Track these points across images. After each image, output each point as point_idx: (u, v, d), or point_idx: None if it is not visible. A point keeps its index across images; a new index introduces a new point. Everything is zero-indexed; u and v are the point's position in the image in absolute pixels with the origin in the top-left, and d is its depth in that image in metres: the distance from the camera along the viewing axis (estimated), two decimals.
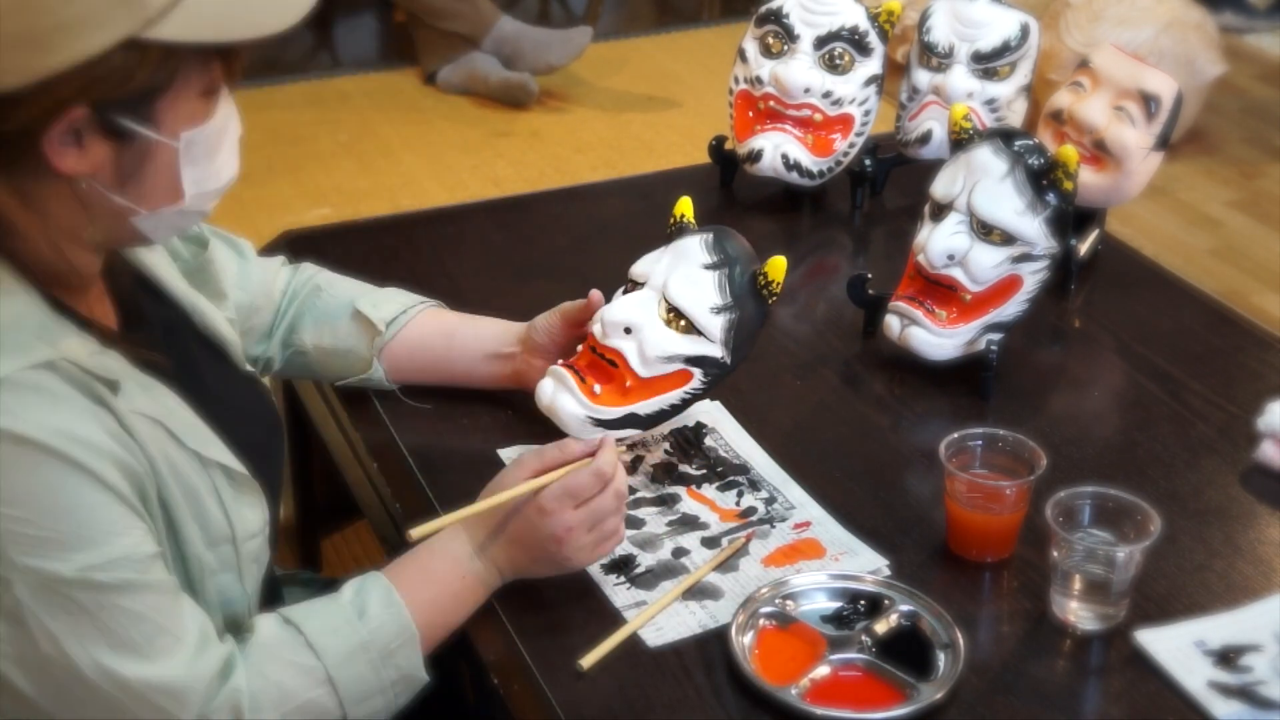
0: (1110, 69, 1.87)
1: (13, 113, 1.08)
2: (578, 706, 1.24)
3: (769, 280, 1.50)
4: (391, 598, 1.26)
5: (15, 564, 1.08)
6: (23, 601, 1.08)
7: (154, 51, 1.09)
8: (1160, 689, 1.26)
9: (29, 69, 1.06)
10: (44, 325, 1.13)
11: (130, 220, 1.17)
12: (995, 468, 1.41)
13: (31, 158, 1.10)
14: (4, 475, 1.07)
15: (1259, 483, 1.53)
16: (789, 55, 2.00)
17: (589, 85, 4.19)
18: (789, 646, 1.29)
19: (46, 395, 1.10)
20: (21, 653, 1.09)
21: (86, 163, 1.12)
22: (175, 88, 1.13)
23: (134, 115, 1.11)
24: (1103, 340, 1.81)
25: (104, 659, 1.10)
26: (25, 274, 1.14)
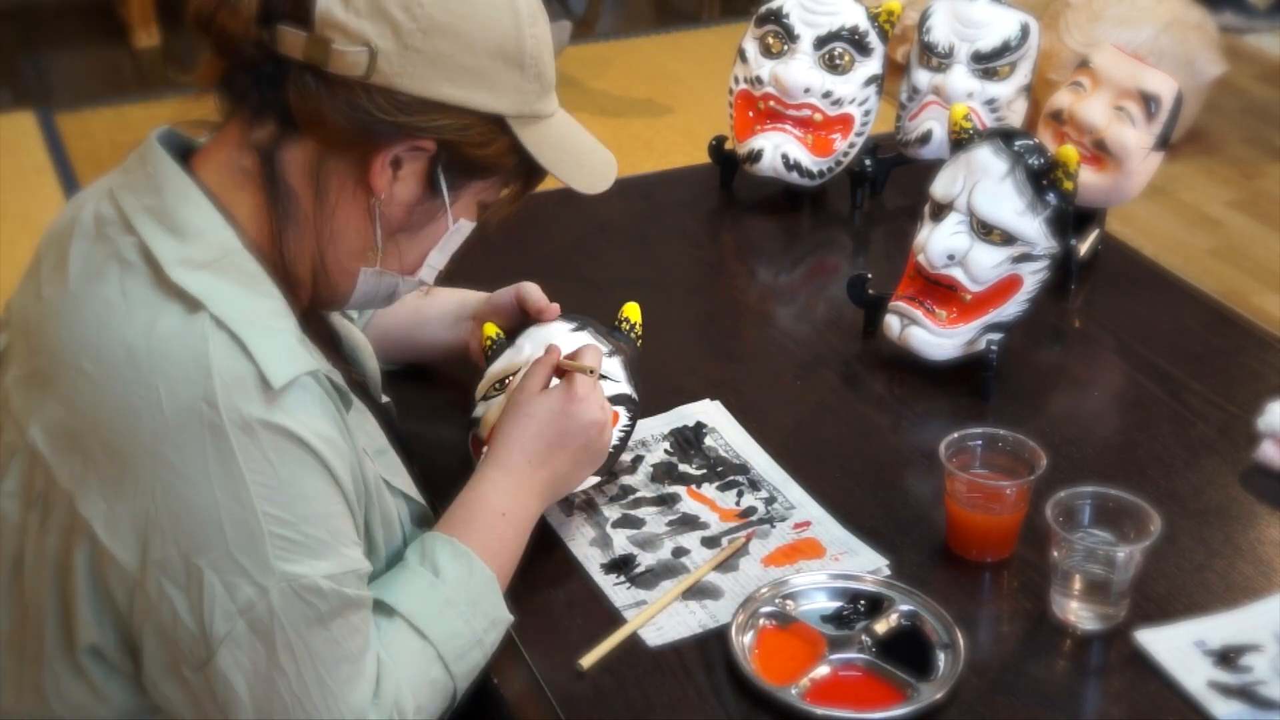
0: (1110, 69, 1.87)
1: (390, 110, 1.16)
2: (578, 706, 1.24)
3: (630, 322, 1.56)
4: (458, 550, 1.27)
5: (273, 569, 1.12)
6: (275, 610, 1.12)
7: (506, 140, 1.22)
8: (1160, 689, 1.26)
9: (431, 86, 1.17)
10: (299, 333, 1.18)
11: (358, 266, 1.25)
12: (995, 468, 1.41)
13: (359, 155, 1.19)
14: (278, 474, 1.12)
15: (1259, 483, 1.53)
16: (789, 55, 2.00)
17: (589, 85, 4.19)
18: (789, 646, 1.29)
19: (320, 402, 1.16)
20: (256, 664, 1.12)
21: (391, 191, 1.21)
22: (486, 182, 1.26)
23: (451, 179, 1.23)
24: (1103, 340, 1.81)
25: (325, 674, 1.14)
26: (281, 283, 1.20)
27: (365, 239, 1.23)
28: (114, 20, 4.84)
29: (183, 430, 1.10)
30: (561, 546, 1.41)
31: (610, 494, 1.49)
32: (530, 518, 1.35)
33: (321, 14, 1.14)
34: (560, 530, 1.43)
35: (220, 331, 1.12)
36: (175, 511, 1.11)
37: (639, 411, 1.51)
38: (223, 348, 1.11)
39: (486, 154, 1.22)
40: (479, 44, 1.17)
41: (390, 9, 1.14)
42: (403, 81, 1.16)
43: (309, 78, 1.15)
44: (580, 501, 1.47)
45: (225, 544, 1.11)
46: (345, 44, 1.14)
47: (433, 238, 1.27)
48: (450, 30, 1.16)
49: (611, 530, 1.44)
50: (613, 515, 1.46)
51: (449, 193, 1.23)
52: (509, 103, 1.21)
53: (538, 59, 1.22)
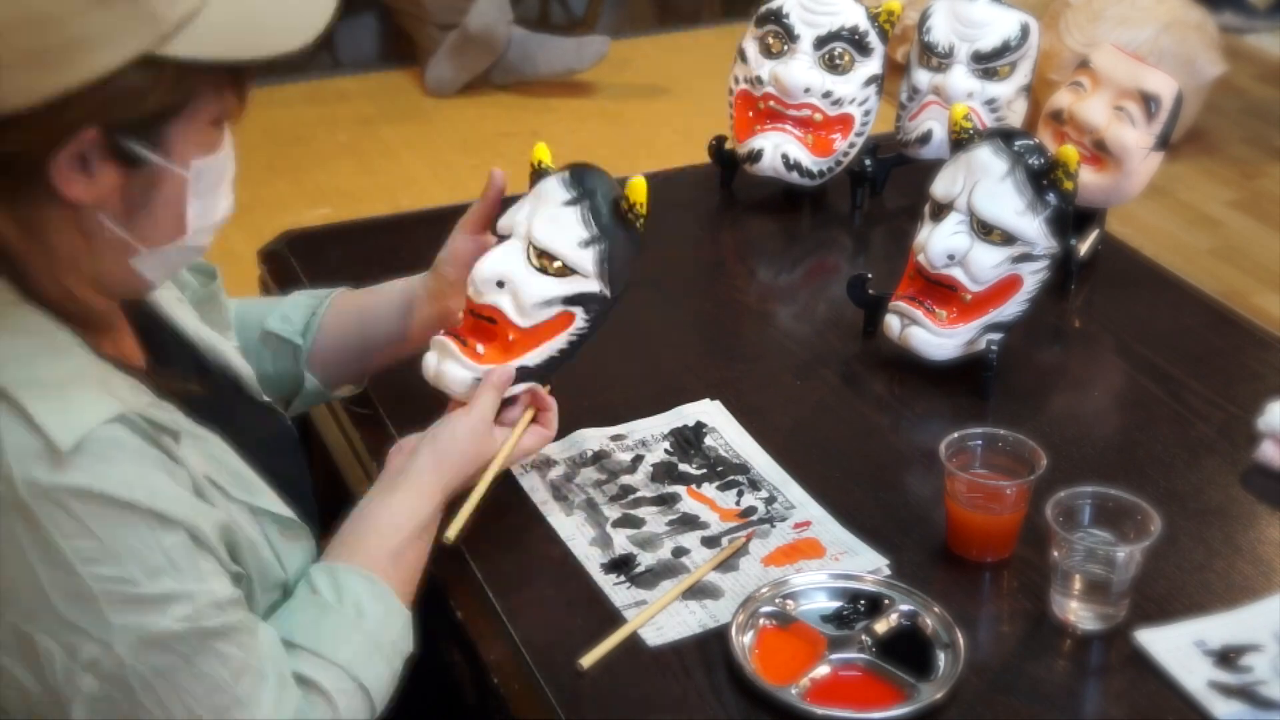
0: (1110, 69, 1.87)
1: (18, 135, 1.03)
2: (578, 706, 1.24)
3: (631, 204, 1.42)
4: (376, 588, 1.24)
5: (113, 624, 1.05)
6: (124, 661, 1.06)
7: (168, 70, 1.05)
8: (1160, 689, 1.26)
9: (37, 88, 1.02)
10: (100, 375, 1.11)
11: (129, 261, 1.14)
12: (995, 468, 1.41)
13: (38, 184, 1.06)
14: (94, 535, 1.05)
15: (1259, 483, 1.53)
16: (789, 55, 2.00)
17: (589, 85, 4.19)
18: (789, 646, 1.29)
19: (124, 450, 1.07)
20: (117, 714, 1.07)
21: (95, 190, 1.08)
22: (188, 112, 1.09)
23: (146, 140, 1.08)
24: (1103, 340, 1.81)
25: (200, 709, 1.09)
26: (61, 320, 1.11)
27: (108, 242, 1.11)
28: None
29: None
30: (561, 546, 1.41)
31: (610, 494, 1.49)
32: (433, 520, 1.33)
33: None
34: (560, 530, 1.43)
35: (2, 404, 1.04)
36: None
37: (605, 309, 1.44)
38: (7, 422, 1.04)
39: (156, 99, 1.06)
40: (59, 12, 1.01)
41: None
42: (9, 102, 1.01)
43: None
44: (580, 502, 1.47)
45: (54, 611, 1.05)
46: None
47: (173, 196, 1.12)
48: (17, 22, 1.01)
49: (611, 530, 1.44)
50: (613, 515, 1.46)
51: (154, 151, 1.08)
52: (137, 40, 1.03)
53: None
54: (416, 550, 1.31)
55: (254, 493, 1.23)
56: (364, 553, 1.28)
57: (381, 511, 1.31)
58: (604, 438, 1.57)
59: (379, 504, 1.32)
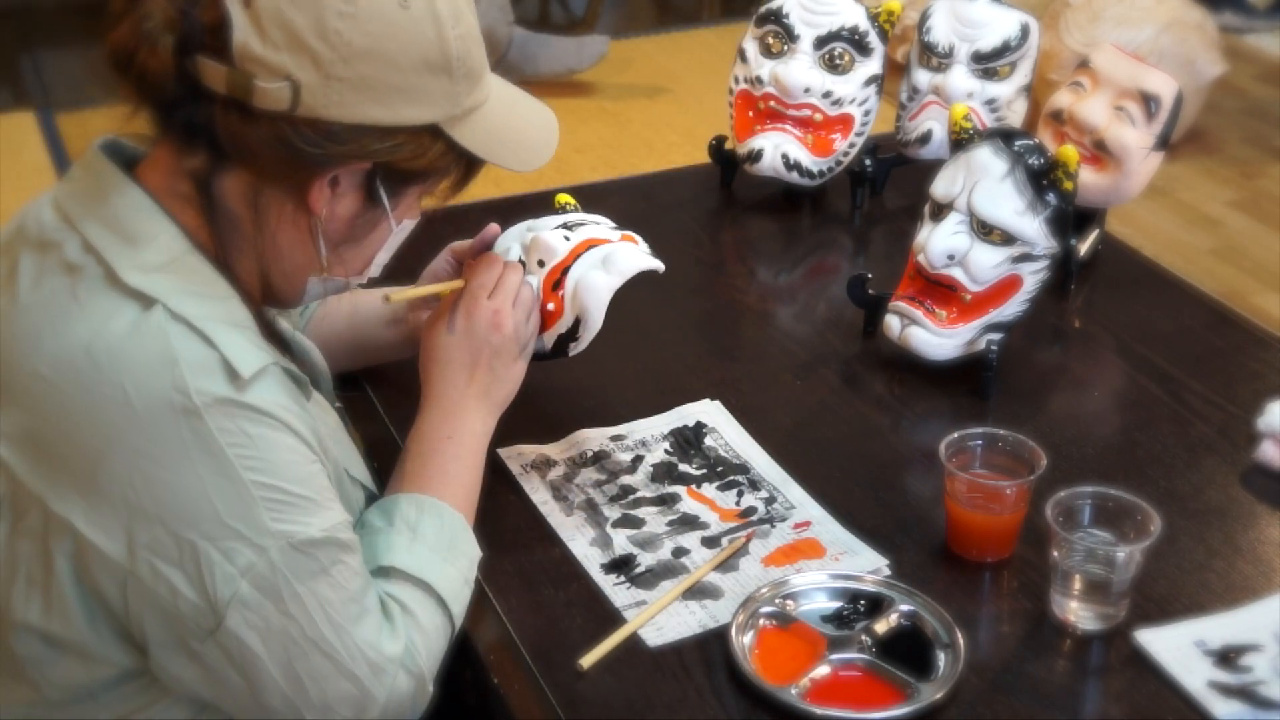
0: (1110, 69, 1.87)
1: (320, 140, 1.15)
2: (578, 706, 1.24)
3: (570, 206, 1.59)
4: (423, 503, 1.31)
5: (270, 529, 1.14)
6: (277, 566, 1.14)
7: (441, 144, 1.22)
8: (1160, 689, 1.26)
9: (357, 111, 1.16)
10: (259, 332, 1.21)
11: (308, 275, 1.26)
12: (995, 468, 1.41)
13: (295, 183, 1.19)
14: (256, 446, 1.13)
15: (1259, 483, 1.53)
16: (789, 55, 2.00)
17: (589, 85, 4.19)
18: (789, 646, 1.29)
19: (284, 388, 1.18)
20: (266, 620, 1.14)
21: (331, 209, 1.21)
22: (429, 181, 1.26)
23: (391, 189, 1.23)
24: (1103, 340, 1.81)
25: (335, 615, 1.17)
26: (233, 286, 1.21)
27: (309, 255, 1.24)
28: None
29: (155, 421, 1.11)
30: (561, 546, 1.41)
31: (610, 494, 1.49)
32: (477, 433, 1.39)
33: (239, 48, 1.12)
34: (560, 530, 1.43)
35: (177, 323, 1.13)
36: (159, 495, 1.11)
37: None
38: (183, 337, 1.12)
39: (423, 163, 1.22)
40: (403, 61, 1.16)
41: (308, 40, 1.12)
42: (329, 111, 1.15)
43: (234, 112, 1.14)
44: (580, 502, 1.47)
45: (216, 515, 1.12)
46: (267, 79, 1.13)
47: (377, 242, 1.28)
48: (372, 53, 1.15)
49: (611, 530, 1.44)
50: (613, 515, 1.46)
51: (389, 200, 1.24)
52: (440, 110, 1.21)
53: (465, 58, 1.21)
54: (451, 455, 1.37)
55: (352, 462, 1.34)
56: (406, 477, 1.35)
57: (413, 437, 1.39)
58: (604, 438, 1.57)
59: (412, 430, 1.39)
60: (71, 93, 4.46)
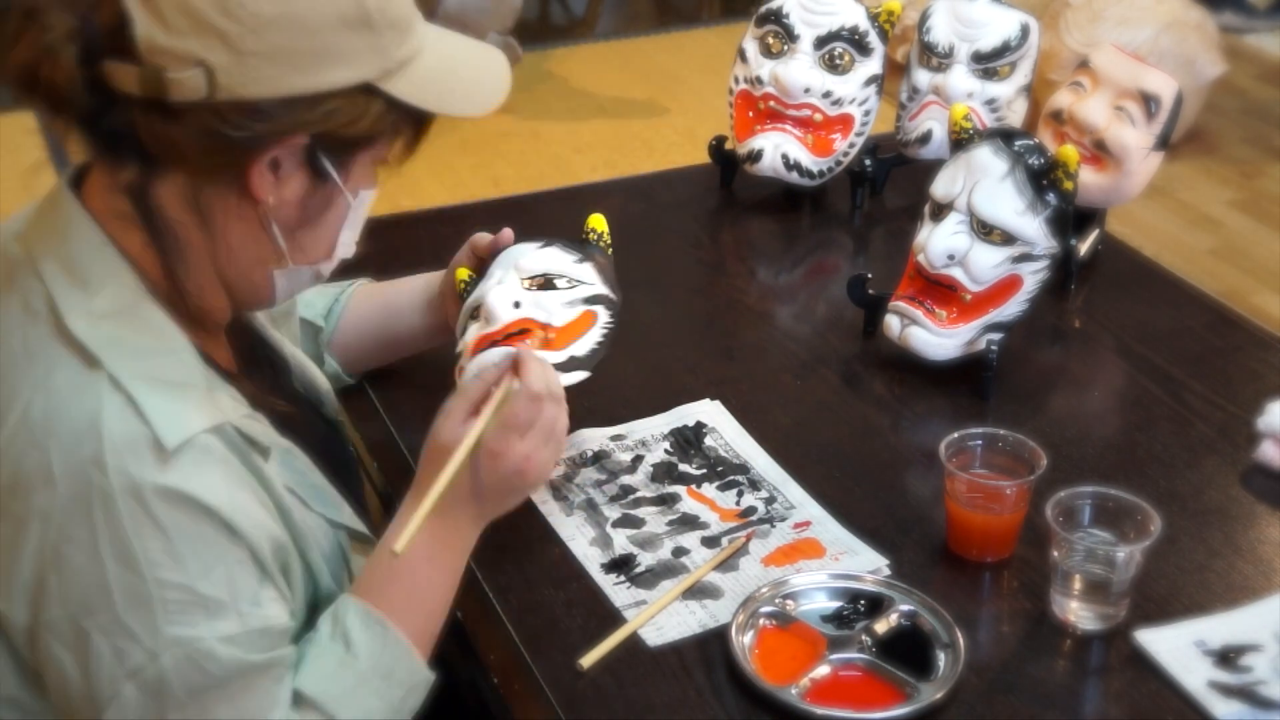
0: (1110, 69, 1.87)
1: (247, 122, 1.09)
2: (578, 706, 1.24)
3: (598, 233, 1.54)
4: (369, 617, 1.21)
5: (164, 634, 1.08)
6: (166, 674, 1.09)
7: (379, 103, 1.15)
8: (1160, 689, 1.26)
9: (280, 84, 1.09)
10: (207, 382, 1.15)
11: (272, 270, 1.20)
12: (995, 468, 1.41)
13: (233, 173, 1.13)
14: (168, 537, 1.08)
15: (1259, 483, 1.53)
16: (789, 55, 2.00)
17: (589, 85, 4.19)
18: (789, 646, 1.29)
19: (217, 460, 1.11)
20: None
21: (277, 194, 1.15)
22: (376, 145, 1.18)
23: (337, 160, 1.16)
24: (1103, 340, 1.81)
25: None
26: (181, 321, 1.16)
27: (265, 247, 1.18)
28: None
29: (71, 495, 1.07)
30: (561, 546, 1.41)
31: (610, 494, 1.49)
32: (461, 554, 1.28)
33: (144, 43, 1.07)
34: (560, 530, 1.43)
35: (116, 393, 1.08)
36: (64, 575, 1.08)
37: (619, 309, 1.50)
38: (116, 410, 1.08)
39: (363, 126, 1.15)
40: (317, 22, 1.09)
41: (212, 18, 1.07)
42: (249, 89, 1.08)
43: (154, 112, 1.08)
44: (580, 502, 1.47)
45: (113, 608, 1.08)
46: (178, 69, 1.07)
47: (336, 220, 1.21)
48: (281, 20, 1.08)
49: (611, 530, 1.44)
50: (613, 515, 1.46)
51: (338, 173, 1.17)
52: (369, 67, 1.13)
53: (385, 7, 1.13)
54: (425, 576, 1.25)
55: (332, 507, 1.27)
56: (370, 586, 1.24)
57: (388, 533, 1.25)
58: (604, 438, 1.57)
59: (389, 531, 1.26)
60: None
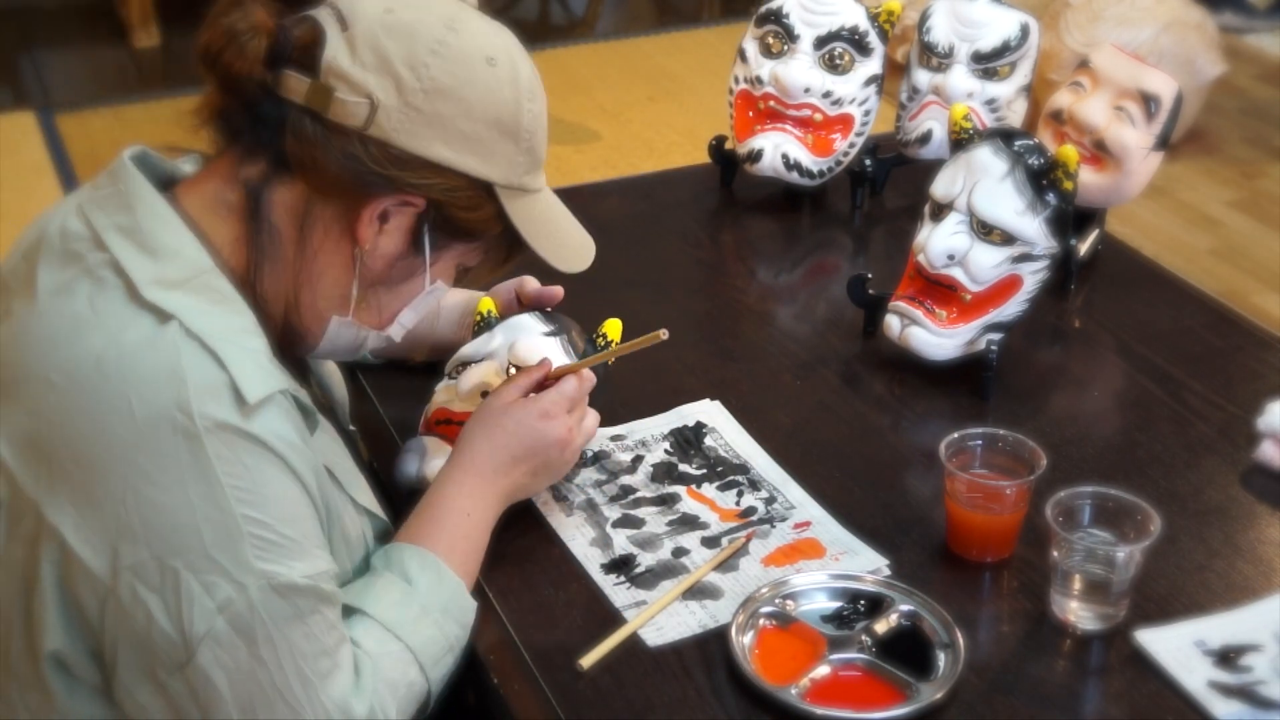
0: (1110, 69, 1.87)
1: (385, 163, 1.18)
2: (578, 706, 1.24)
3: (607, 339, 1.52)
4: (426, 558, 1.29)
5: (252, 568, 1.12)
6: (255, 606, 1.13)
7: (492, 207, 1.24)
8: (1160, 689, 1.26)
9: (427, 146, 1.19)
10: (272, 355, 1.20)
11: (331, 316, 1.26)
12: (995, 468, 1.41)
13: (348, 204, 1.20)
14: (252, 478, 1.13)
15: (1259, 483, 1.53)
16: (789, 55, 2.00)
17: (589, 85, 4.19)
18: (789, 646, 1.29)
19: (287, 416, 1.17)
20: (237, 661, 1.13)
21: (375, 242, 1.22)
22: (470, 245, 1.27)
23: (435, 238, 1.24)
24: (1103, 340, 1.81)
25: (306, 666, 1.15)
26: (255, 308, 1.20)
27: (343, 287, 1.24)
28: (114, 20, 4.84)
29: (155, 437, 1.10)
30: (561, 546, 1.41)
31: (610, 494, 1.49)
32: (491, 519, 1.37)
33: (328, 62, 1.17)
34: (560, 530, 1.43)
35: (191, 341, 1.12)
36: (148, 517, 1.11)
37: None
38: (194, 356, 1.12)
39: (473, 218, 1.24)
40: (478, 111, 1.20)
41: (396, 66, 1.17)
42: (399, 137, 1.18)
43: (308, 122, 1.17)
44: (580, 502, 1.47)
45: (202, 545, 1.11)
46: (348, 93, 1.17)
47: (408, 295, 1.29)
48: (452, 94, 1.19)
49: (611, 530, 1.44)
50: (613, 515, 1.46)
51: (431, 252, 1.25)
52: (499, 172, 1.23)
53: (532, 134, 1.25)
54: (464, 530, 1.33)
55: (359, 490, 1.32)
56: (417, 534, 1.32)
57: (434, 495, 1.35)
58: (604, 438, 1.57)
59: (433, 486, 1.37)
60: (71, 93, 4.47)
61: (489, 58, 1.21)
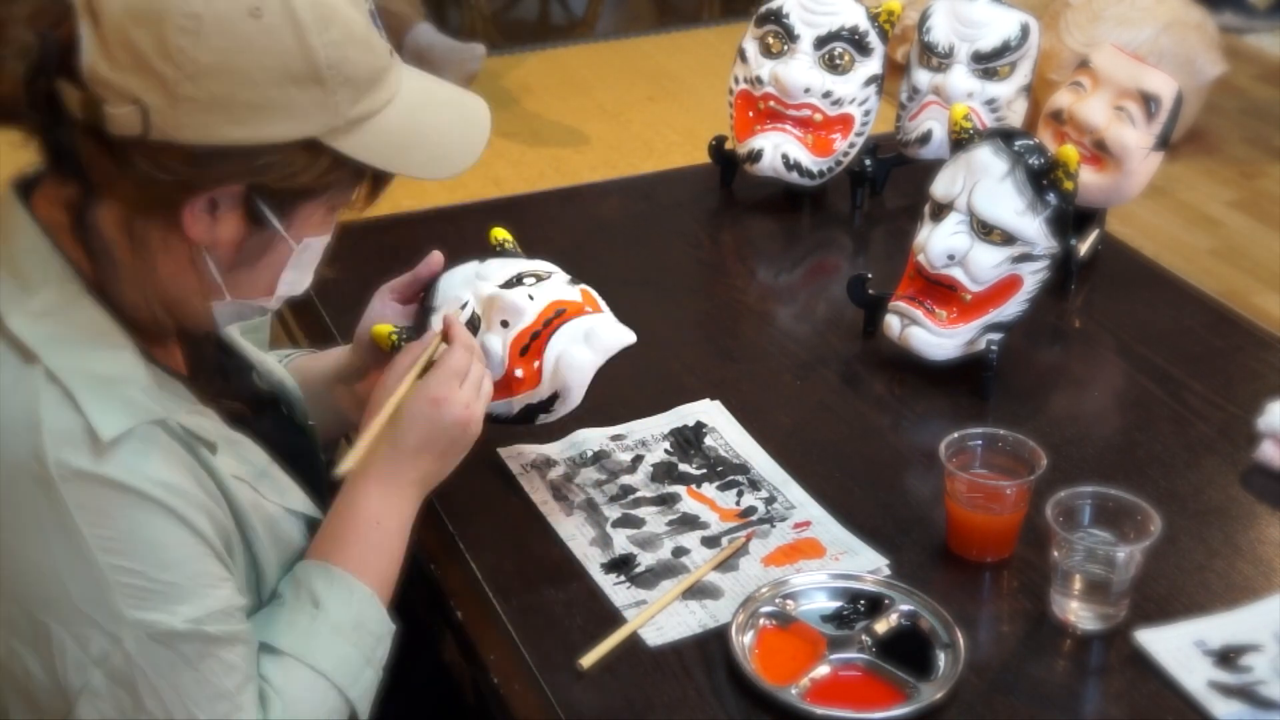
0: (1110, 69, 1.87)
1: (179, 166, 1.08)
2: (578, 706, 1.24)
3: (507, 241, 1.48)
4: (333, 575, 1.23)
5: (126, 619, 1.08)
6: (133, 658, 1.08)
7: (325, 158, 1.13)
8: (1160, 689, 1.26)
9: (214, 132, 1.08)
10: (146, 379, 1.14)
11: (210, 302, 1.19)
12: (995, 468, 1.41)
13: (168, 211, 1.11)
14: (116, 525, 1.08)
15: (1259, 483, 1.53)
16: (789, 55, 2.00)
17: (589, 85, 4.19)
18: (789, 646, 1.29)
19: (157, 450, 1.11)
20: (122, 713, 1.10)
21: (213, 235, 1.13)
22: (325, 196, 1.17)
23: (277, 209, 1.14)
24: (1103, 340, 1.81)
25: (200, 713, 1.11)
26: (123, 324, 1.15)
27: (202, 280, 1.17)
28: None
29: (13, 489, 1.06)
30: (561, 546, 1.41)
31: (610, 494, 1.49)
32: (407, 518, 1.29)
33: (89, 71, 1.06)
34: (560, 530, 1.43)
35: (52, 385, 1.08)
36: (14, 571, 1.08)
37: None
38: (53, 402, 1.07)
39: (305, 179, 1.13)
40: (259, 75, 1.08)
41: (152, 60, 1.05)
42: (182, 134, 1.07)
43: (91, 141, 1.08)
44: (580, 502, 1.47)
45: (70, 599, 1.07)
46: (115, 104, 1.06)
47: (277, 263, 1.19)
48: (220, 70, 1.06)
49: (611, 530, 1.44)
50: (613, 515, 1.46)
51: (280, 220, 1.15)
52: (315, 124, 1.11)
53: (340, 65, 1.11)
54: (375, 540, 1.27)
55: (285, 494, 1.27)
56: (325, 552, 1.26)
57: (341, 508, 1.29)
58: (604, 438, 1.57)
59: (340, 496, 1.29)
60: None
61: (251, 9, 1.07)
